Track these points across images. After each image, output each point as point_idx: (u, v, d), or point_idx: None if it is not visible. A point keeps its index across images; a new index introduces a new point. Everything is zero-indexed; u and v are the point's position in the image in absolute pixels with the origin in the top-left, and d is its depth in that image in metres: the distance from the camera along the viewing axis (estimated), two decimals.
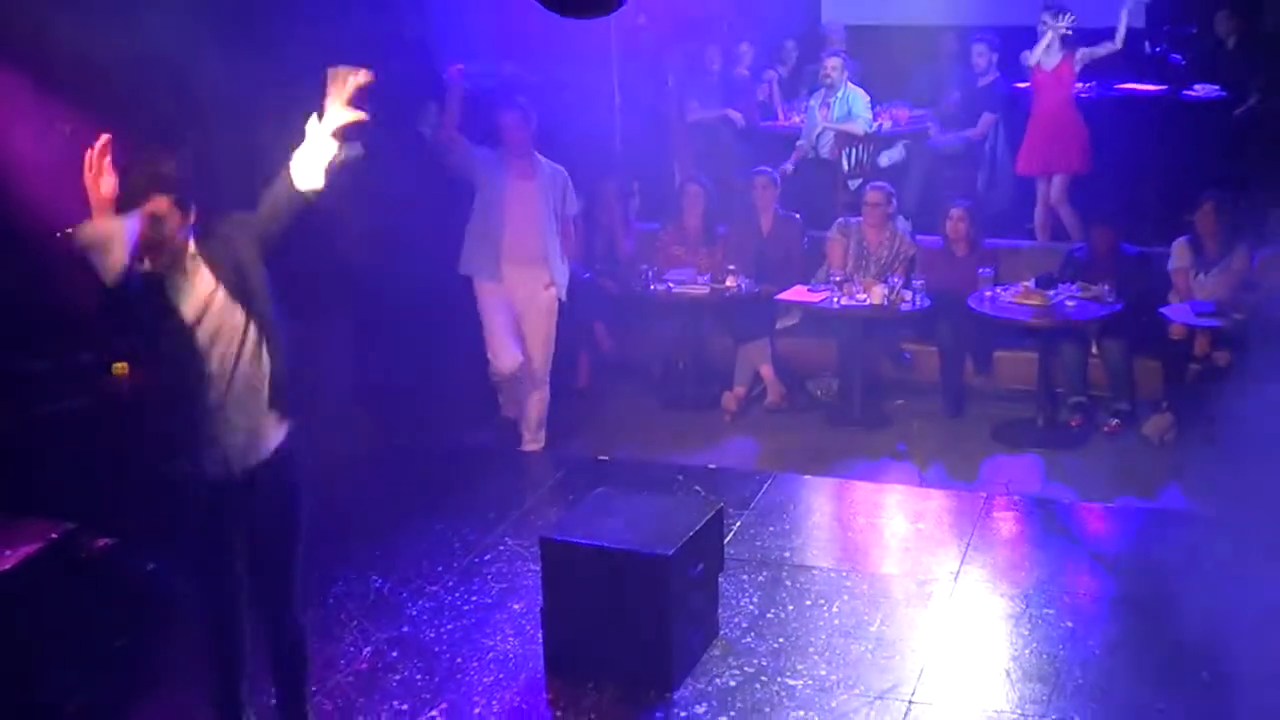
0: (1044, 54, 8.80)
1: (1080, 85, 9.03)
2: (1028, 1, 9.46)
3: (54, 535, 4.75)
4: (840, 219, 8.30)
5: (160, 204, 3.84)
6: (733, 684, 5.03)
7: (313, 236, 4.19)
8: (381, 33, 6.77)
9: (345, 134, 4.13)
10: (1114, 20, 8.81)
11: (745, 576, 5.80)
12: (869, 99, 9.46)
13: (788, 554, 6.05)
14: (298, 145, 4.09)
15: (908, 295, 7.55)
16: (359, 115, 4.15)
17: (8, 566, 4.54)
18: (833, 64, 9.30)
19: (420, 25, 7.28)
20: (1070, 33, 8.75)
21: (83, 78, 5.22)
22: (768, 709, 4.87)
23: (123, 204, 3.80)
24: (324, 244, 6.23)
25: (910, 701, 4.87)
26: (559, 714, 4.88)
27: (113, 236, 3.69)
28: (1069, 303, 7.27)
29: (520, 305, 7.09)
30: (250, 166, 5.69)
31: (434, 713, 4.88)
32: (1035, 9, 9.09)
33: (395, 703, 4.89)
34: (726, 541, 5.61)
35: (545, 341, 7.17)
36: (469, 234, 7.10)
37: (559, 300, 7.15)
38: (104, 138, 3.80)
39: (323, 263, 6.33)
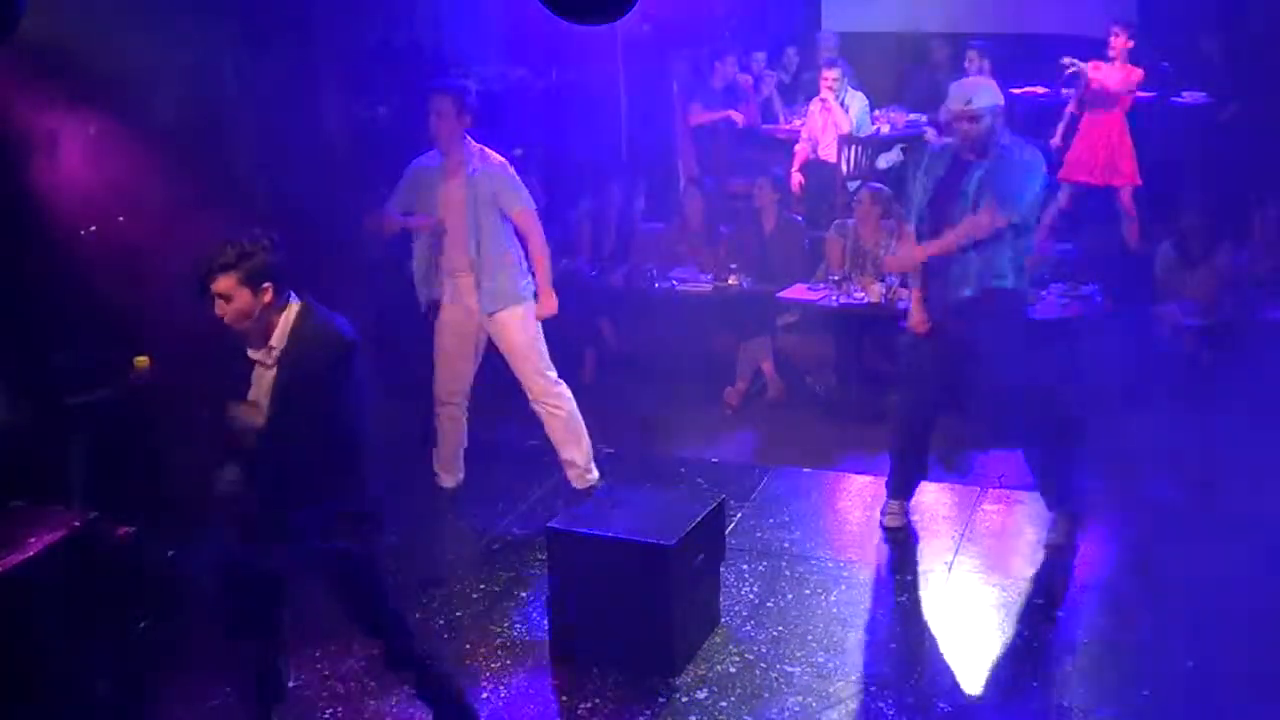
0: (1108, 67, 8.74)
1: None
2: (1018, 11, 9.59)
3: (77, 523, 4.77)
4: (838, 219, 8.37)
5: (221, 284, 3.94)
6: (733, 670, 5.10)
7: (333, 232, 4.24)
8: (396, 41, 6.88)
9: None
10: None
11: (746, 566, 5.87)
12: (868, 103, 9.60)
13: (787, 545, 6.12)
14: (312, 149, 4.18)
15: (904, 294, 7.52)
16: None
17: (33, 553, 4.56)
18: (833, 75, 9.44)
19: (434, 33, 7.35)
20: (1132, 44, 8.71)
21: (109, 81, 5.33)
22: (767, 694, 4.93)
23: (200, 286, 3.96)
24: (343, 240, 6.36)
25: (905, 688, 4.95)
26: (564, 699, 4.94)
27: None
28: (1060, 301, 7.33)
29: (482, 318, 6.33)
30: (271, 169, 5.86)
31: None
32: (1023, 19, 9.18)
33: (406, 687, 4.84)
34: (728, 532, 5.69)
35: (522, 354, 6.34)
36: (414, 257, 6.33)
37: (522, 317, 6.28)
38: None
39: (341, 259, 6.38)
